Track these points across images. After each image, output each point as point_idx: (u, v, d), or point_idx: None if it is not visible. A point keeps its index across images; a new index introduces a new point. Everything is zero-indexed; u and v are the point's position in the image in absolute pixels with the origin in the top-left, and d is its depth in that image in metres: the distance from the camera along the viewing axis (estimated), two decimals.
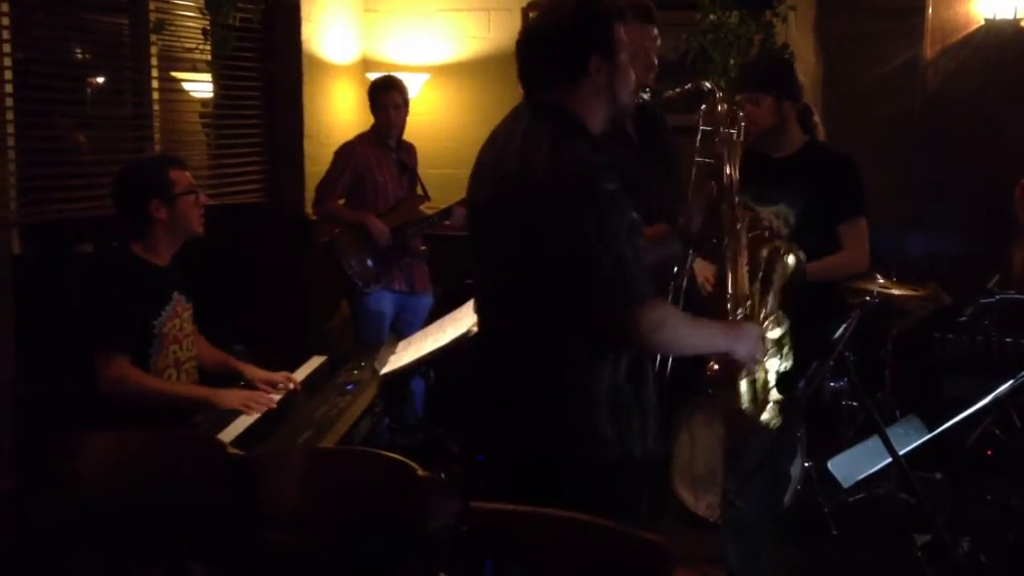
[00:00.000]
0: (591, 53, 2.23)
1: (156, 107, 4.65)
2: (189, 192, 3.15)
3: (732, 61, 4.87)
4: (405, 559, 2.21)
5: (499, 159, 2.28)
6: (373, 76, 5.41)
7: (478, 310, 2.45)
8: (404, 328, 4.83)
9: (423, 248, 4.99)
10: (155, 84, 4.61)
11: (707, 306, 2.66)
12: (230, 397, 3.11)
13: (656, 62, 2.35)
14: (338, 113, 5.75)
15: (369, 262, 4.85)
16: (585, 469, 2.23)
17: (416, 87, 5.73)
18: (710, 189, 2.62)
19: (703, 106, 2.87)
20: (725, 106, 2.55)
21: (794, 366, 2.55)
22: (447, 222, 4.91)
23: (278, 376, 3.34)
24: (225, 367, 3.36)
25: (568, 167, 2.18)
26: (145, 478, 2.44)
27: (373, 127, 4.98)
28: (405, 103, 4.95)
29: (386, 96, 4.89)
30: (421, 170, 5.22)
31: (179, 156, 3.59)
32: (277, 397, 3.22)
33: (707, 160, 2.94)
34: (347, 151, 4.92)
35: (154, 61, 4.59)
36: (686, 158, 3.11)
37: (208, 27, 3.77)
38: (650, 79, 2.33)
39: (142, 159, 4.10)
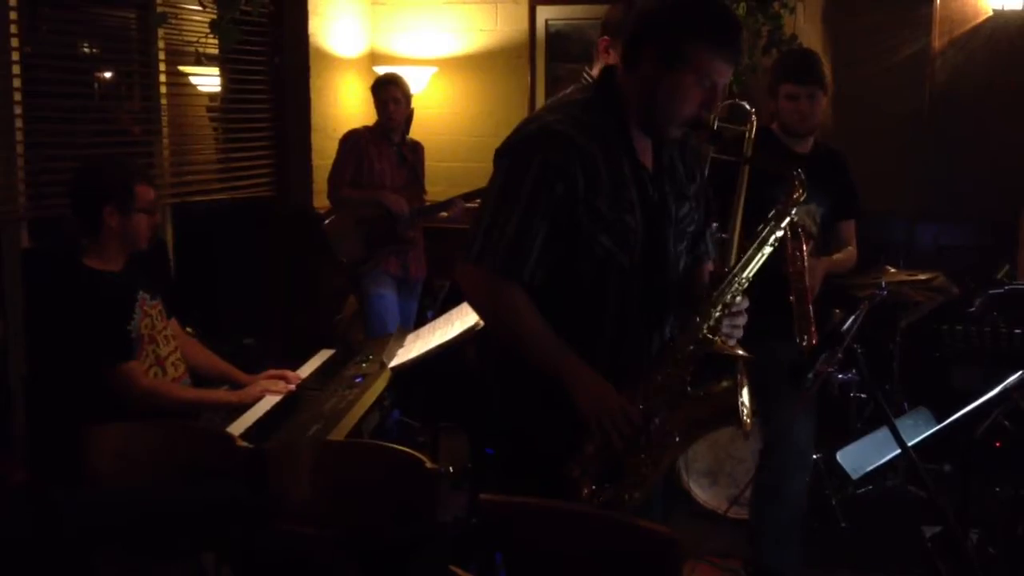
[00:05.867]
0: (647, 48, 2.14)
1: (164, 101, 4.65)
2: (147, 210, 3.12)
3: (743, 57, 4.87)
4: (415, 551, 2.21)
5: None
6: (381, 70, 5.41)
7: None
8: (403, 311, 4.97)
9: (411, 235, 5.01)
10: (163, 78, 4.62)
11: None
12: (253, 392, 3.15)
13: (718, 104, 2.18)
14: (345, 106, 5.75)
15: (358, 246, 4.94)
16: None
17: (424, 80, 5.73)
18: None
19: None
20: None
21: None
22: (443, 214, 5.00)
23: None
24: (222, 375, 3.34)
25: (530, 123, 2.22)
26: (156, 471, 2.45)
27: (377, 122, 5.04)
28: (406, 98, 4.99)
29: (384, 91, 4.96)
30: (429, 163, 5.23)
31: (147, 171, 3.58)
32: (292, 386, 3.23)
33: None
34: (350, 137, 5.01)
35: (161, 55, 4.60)
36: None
37: (215, 20, 3.76)
38: (705, 118, 2.19)
39: (109, 161, 4.01)
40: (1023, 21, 5.02)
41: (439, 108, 5.84)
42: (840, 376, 4.31)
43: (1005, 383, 2.75)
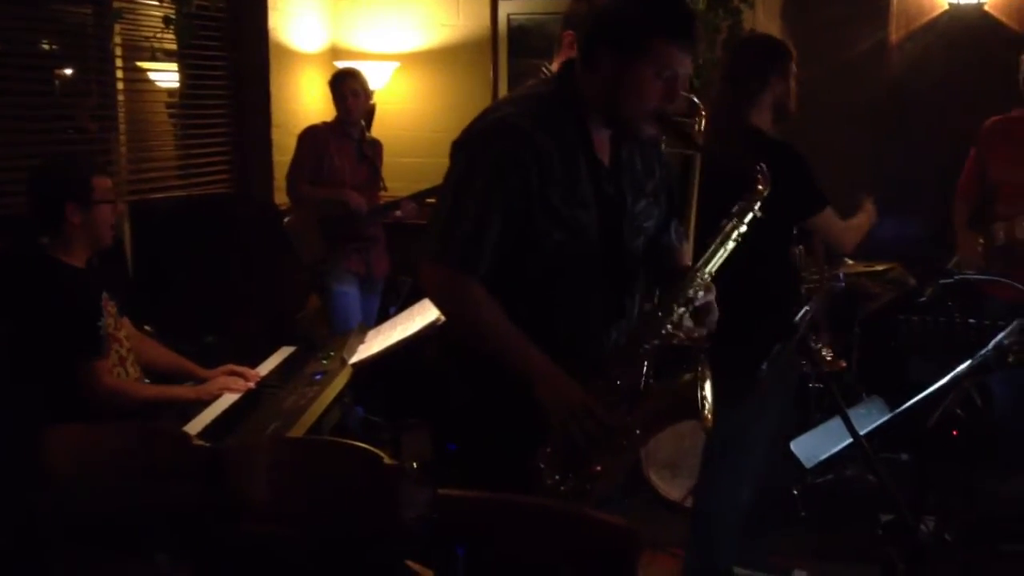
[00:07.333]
0: (605, 46, 2.13)
1: (121, 98, 4.61)
2: (107, 201, 3.10)
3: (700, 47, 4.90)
4: (375, 547, 2.22)
5: None
6: (342, 65, 5.39)
7: None
8: (366, 308, 4.99)
9: (372, 232, 5.03)
10: (120, 75, 4.58)
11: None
12: (212, 388, 3.14)
13: (679, 96, 2.17)
14: (306, 102, 5.72)
15: (319, 245, 4.95)
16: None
17: (385, 75, 5.71)
18: None
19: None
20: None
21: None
22: (397, 212, 5.03)
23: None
24: (180, 370, 3.33)
25: (487, 115, 2.23)
26: (113, 470, 2.43)
27: (336, 117, 5.04)
28: (365, 92, 4.99)
29: (343, 84, 4.96)
30: (390, 159, 5.22)
31: (101, 162, 3.53)
32: (252, 383, 3.22)
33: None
34: (308, 133, 5.00)
35: (118, 51, 4.56)
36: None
37: (171, 15, 3.73)
38: (668, 110, 2.19)
39: (63, 157, 3.97)
40: (979, 14, 5.08)
41: (401, 103, 5.82)
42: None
43: (954, 372, 2.77)
